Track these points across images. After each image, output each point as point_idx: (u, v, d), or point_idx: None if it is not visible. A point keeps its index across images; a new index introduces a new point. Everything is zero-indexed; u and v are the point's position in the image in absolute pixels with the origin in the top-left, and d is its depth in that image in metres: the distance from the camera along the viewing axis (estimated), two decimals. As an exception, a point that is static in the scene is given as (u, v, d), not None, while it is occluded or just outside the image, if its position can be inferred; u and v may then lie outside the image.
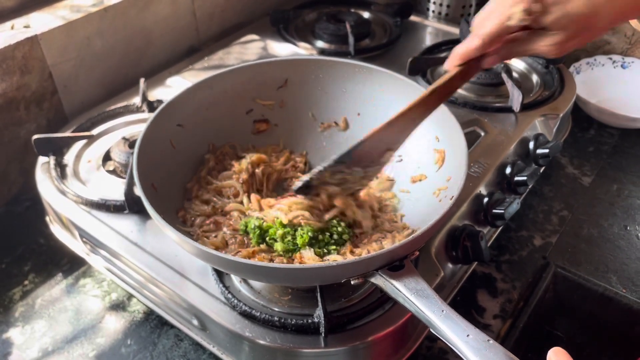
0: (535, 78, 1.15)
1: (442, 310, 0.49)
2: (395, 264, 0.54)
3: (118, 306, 0.83)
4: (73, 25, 1.01)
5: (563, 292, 0.91)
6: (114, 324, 0.81)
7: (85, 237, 0.82)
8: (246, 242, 0.73)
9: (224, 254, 0.57)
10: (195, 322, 0.72)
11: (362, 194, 0.75)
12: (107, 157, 0.93)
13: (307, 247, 0.67)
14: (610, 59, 1.30)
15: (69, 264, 0.89)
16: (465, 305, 0.84)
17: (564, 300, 0.92)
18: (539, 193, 1.05)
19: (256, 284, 0.72)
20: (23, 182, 1.00)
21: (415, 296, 0.50)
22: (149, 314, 0.82)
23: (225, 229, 0.74)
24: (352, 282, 0.55)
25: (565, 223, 0.99)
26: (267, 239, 0.70)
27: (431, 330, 0.49)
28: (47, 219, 0.91)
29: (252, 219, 0.72)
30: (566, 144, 1.13)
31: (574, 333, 0.95)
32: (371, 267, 0.54)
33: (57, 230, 0.89)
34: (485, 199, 0.84)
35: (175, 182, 0.79)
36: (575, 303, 0.91)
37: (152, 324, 0.80)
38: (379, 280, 0.54)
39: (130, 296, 0.84)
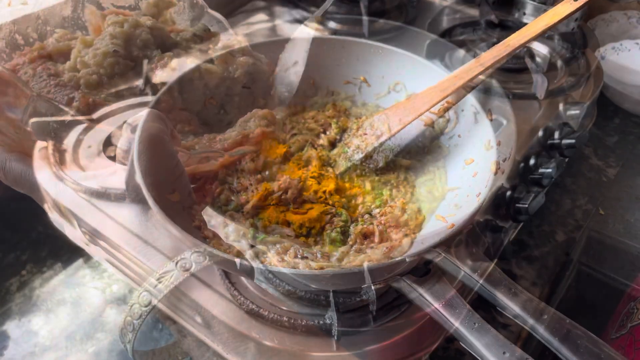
0: (559, 63, 1.08)
1: (475, 324, 0.44)
2: (420, 268, 0.49)
3: (119, 299, 0.80)
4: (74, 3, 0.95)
5: (586, 290, 0.86)
6: (115, 318, 0.77)
7: (84, 226, 0.78)
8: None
9: (231, 257, 0.53)
10: (198, 319, 0.68)
11: None
12: (108, 143, 0.88)
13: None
14: (638, 43, 1.23)
15: (69, 254, 0.86)
16: (482, 303, 0.79)
17: (587, 298, 0.87)
18: (560, 185, 1.00)
19: (264, 280, 0.68)
20: (21, 167, 0.96)
21: (444, 306, 0.46)
22: (151, 309, 0.78)
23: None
24: (372, 288, 0.51)
25: (589, 218, 0.93)
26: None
27: (461, 343, 0.45)
28: (46, 206, 0.87)
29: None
30: (590, 134, 1.07)
31: (595, 332, 0.90)
32: (394, 272, 0.49)
33: (55, 219, 0.85)
34: (508, 193, 0.79)
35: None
36: (599, 302, 0.86)
37: (154, 319, 0.77)
38: (403, 286, 0.49)
39: (131, 289, 0.80)
